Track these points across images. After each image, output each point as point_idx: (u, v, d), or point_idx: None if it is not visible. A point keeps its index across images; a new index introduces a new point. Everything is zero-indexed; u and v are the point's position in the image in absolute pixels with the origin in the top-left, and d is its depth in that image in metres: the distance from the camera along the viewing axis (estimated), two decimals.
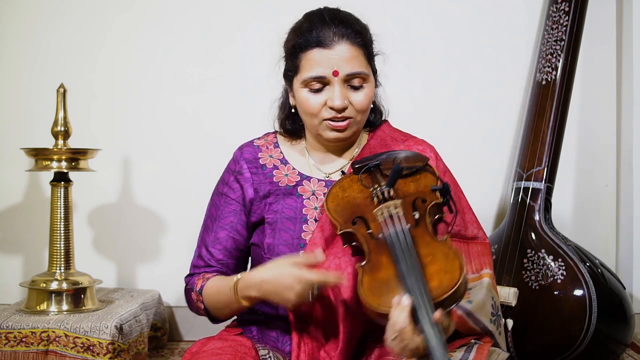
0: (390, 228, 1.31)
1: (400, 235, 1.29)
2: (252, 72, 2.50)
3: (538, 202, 2.28)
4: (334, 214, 1.39)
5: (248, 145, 1.63)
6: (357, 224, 1.37)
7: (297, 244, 1.50)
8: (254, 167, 1.58)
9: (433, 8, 2.52)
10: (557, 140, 2.33)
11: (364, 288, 1.26)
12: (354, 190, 1.44)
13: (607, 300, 2.12)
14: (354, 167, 1.49)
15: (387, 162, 1.46)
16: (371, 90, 1.49)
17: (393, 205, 1.36)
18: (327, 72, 1.44)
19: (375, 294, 1.25)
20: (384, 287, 1.25)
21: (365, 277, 1.27)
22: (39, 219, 2.47)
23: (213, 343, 1.45)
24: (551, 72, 2.36)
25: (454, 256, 1.26)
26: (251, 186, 1.57)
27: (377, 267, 1.28)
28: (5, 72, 2.55)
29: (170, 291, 2.50)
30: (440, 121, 2.51)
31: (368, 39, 1.51)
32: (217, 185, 1.64)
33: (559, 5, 2.39)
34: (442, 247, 1.29)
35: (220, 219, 1.59)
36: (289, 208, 1.54)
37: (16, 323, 1.96)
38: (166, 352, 2.37)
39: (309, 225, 1.52)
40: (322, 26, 1.46)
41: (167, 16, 2.53)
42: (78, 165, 2.12)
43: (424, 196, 1.39)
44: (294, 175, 1.57)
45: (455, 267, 1.24)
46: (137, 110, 2.54)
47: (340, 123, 1.47)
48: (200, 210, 2.49)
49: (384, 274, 1.27)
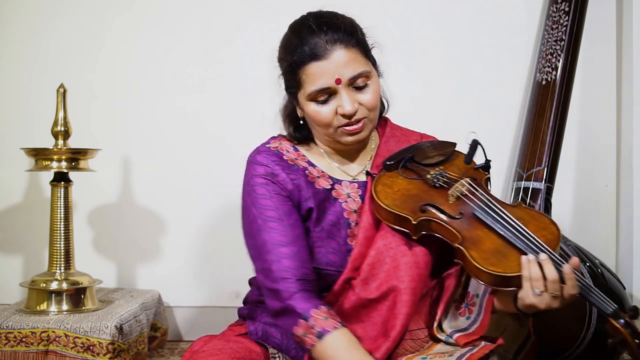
0: (472, 204, 1.38)
1: (490, 206, 1.36)
2: (252, 72, 2.50)
3: (538, 202, 2.28)
4: (397, 208, 1.40)
5: (264, 149, 1.52)
6: (427, 211, 1.39)
7: (344, 250, 1.48)
8: (286, 167, 1.50)
9: (433, 8, 2.52)
10: (557, 140, 2.32)
11: (479, 262, 1.29)
12: (400, 184, 1.46)
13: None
14: (386, 165, 1.50)
15: (420, 154, 1.51)
16: (377, 85, 1.48)
17: (460, 184, 1.42)
18: (330, 82, 1.42)
19: (493, 263, 1.29)
20: (497, 255, 1.30)
21: (471, 252, 1.30)
22: (39, 219, 2.47)
23: (214, 343, 1.45)
24: (551, 72, 2.36)
25: (538, 215, 1.37)
26: (292, 186, 1.48)
27: (478, 241, 1.32)
28: (5, 72, 2.55)
29: (170, 291, 2.50)
30: (440, 121, 2.50)
31: (359, 36, 1.47)
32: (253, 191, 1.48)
33: (559, 5, 2.39)
34: (522, 210, 1.38)
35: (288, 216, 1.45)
36: (331, 213, 1.50)
37: (16, 323, 1.96)
38: (166, 352, 2.37)
39: (352, 229, 1.49)
40: (311, 37, 1.42)
41: (167, 16, 2.53)
42: (78, 165, 2.12)
43: (473, 175, 1.46)
44: (325, 178, 1.52)
45: (546, 222, 1.35)
46: (137, 110, 2.54)
47: (355, 126, 1.45)
48: (200, 210, 2.52)
49: (489, 244, 1.32)
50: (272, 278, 1.40)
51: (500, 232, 1.32)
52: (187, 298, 2.52)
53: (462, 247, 1.31)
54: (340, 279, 1.45)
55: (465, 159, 1.50)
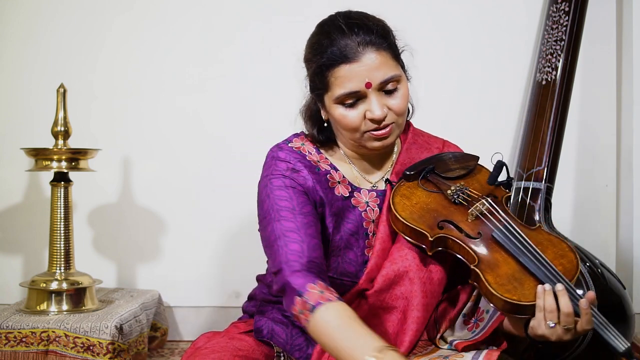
0: (491, 225, 1.33)
1: (510, 230, 1.32)
2: (252, 72, 2.50)
3: (538, 202, 2.28)
4: (414, 222, 1.37)
5: (287, 148, 1.49)
6: (445, 228, 1.36)
7: (361, 260, 1.47)
8: (308, 166, 1.47)
9: (433, 8, 2.52)
10: (557, 140, 2.32)
11: (494, 287, 1.25)
12: (419, 196, 1.43)
13: (607, 300, 2.11)
14: (406, 175, 1.46)
15: (441, 166, 1.48)
16: (406, 89, 1.44)
17: (481, 203, 1.38)
18: (360, 86, 1.37)
19: (509, 289, 1.25)
20: (513, 281, 1.26)
21: (487, 276, 1.27)
22: (39, 219, 2.47)
23: (217, 340, 1.44)
24: (551, 72, 2.36)
25: (557, 240, 1.32)
26: (312, 184, 1.44)
27: (495, 265, 1.29)
28: (5, 72, 2.55)
29: (170, 291, 2.50)
30: (440, 121, 2.50)
31: (391, 39, 1.44)
32: (270, 184, 1.44)
33: (559, 5, 2.39)
34: (541, 234, 1.34)
35: (302, 206, 1.41)
36: (350, 222, 1.47)
37: (16, 323, 1.96)
38: (166, 352, 2.37)
39: (370, 240, 1.47)
40: (342, 38, 1.37)
41: (167, 16, 2.53)
42: (78, 165, 2.12)
43: (493, 192, 1.43)
44: (346, 184, 1.49)
45: (566, 250, 1.30)
46: (137, 110, 2.53)
47: (383, 131, 1.41)
48: (200, 210, 2.52)
49: (506, 269, 1.28)
50: (277, 261, 1.35)
51: (518, 257, 1.29)
52: (187, 298, 2.52)
53: (478, 269, 1.28)
54: (354, 289, 1.44)
55: (488, 180, 1.46)
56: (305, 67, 1.48)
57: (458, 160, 1.49)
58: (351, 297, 1.44)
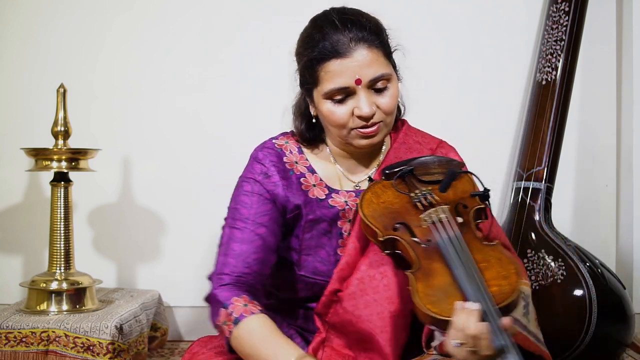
0: (441, 234, 1.28)
1: (455, 241, 1.25)
2: (252, 72, 2.50)
3: (538, 202, 2.28)
4: (372, 220, 1.35)
5: (269, 146, 1.52)
6: (399, 230, 1.33)
7: (333, 260, 1.46)
8: (282, 170, 1.48)
9: (433, 8, 2.52)
10: (557, 140, 2.32)
11: (419, 296, 1.21)
12: (389, 196, 1.40)
13: (607, 300, 2.12)
14: (385, 173, 1.44)
15: (421, 168, 1.43)
16: (396, 89, 1.43)
17: (440, 210, 1.33)
18: (350, 82, 1.37)
19: (433, 301, 1.20)
20: (441, 293, 1.21)
21: (419, 284, 1.22)
22: (39, 219, 2.47)
23: (214, 344, 1.44)
24: (551, 72, 2.36)
25: (507, 261, 1.24)
26: (282, 191, 1.47)
27: (430, 274, 1.24)
28: (5, 72, 2.55)
29: (170, 291, 2.50)
30: (440, 121, 2.50)
31: (384, 37, 1.43)
32: (241, 185, 1.50)
33: (559, 5, 2.39)
34: (494, 252, 1.26)
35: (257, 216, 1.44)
36: (324, 221, 1.47)
37: (16, 323, 1.96)
38: (166, 352, 2.37)
39: (344, 239, 1.47)
40: (334, 33, 1.37)
41: (167, 16, 2.53)
42: (78, 165, 2.12)
43: (464, 201, 1.37)
44: (322, 187, 1.49)
45: (511, 272, 1.22)
46: (137, 110, 2.54)
47: (371, 129, 1.40)
48: (200, 210, 2.52)
49: (440, 280, 1.23)
50: (213, 270, 1.41)
51: (453, 270, 1.23)
52: (187, 298, 2.51)
53: (412, 276, 1.24)
54: (328, 290, 1.41)
55: (440, 187, 1.39)
56: (296, 61, 1.47)
57: (441, 165, 1.45)
58: (326, 299, 1.40)
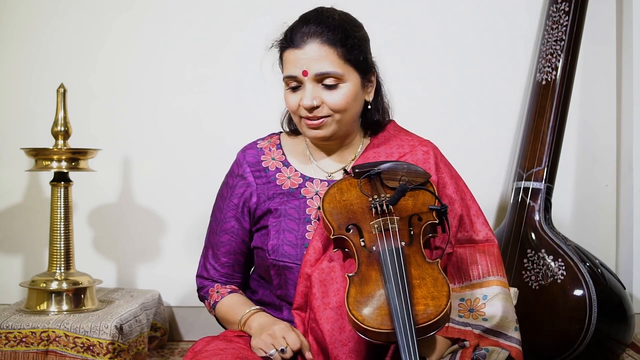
0: (384, 243, 1.30)
1: (394, 254, 1.28)
2: (251, 72, 2.48)
3: (538, 202, 2.28)
4: (329, 216, 1.39)
5: (251, 147, 1.63)
6: (351, 231, 1.36)
7: (301, 244, 1.49)
8: (257, 170, 1.59)
9: (433, 8, 2.52)
10: (557, 140, 2.33)
11: (350, 300, 1.25)
12: (352, 194, 1.43)
13: (607, 300, 2.12)
14: (355, 171, 1.47)
15: (389, 173, 1.45)
16: (350, 90, 1.47)
17: (390, 220, 1.35)
18: (298, 72, 1.46)
19: (360, 308, 1.23)
20: (369, 302, 1.24)
21: (352, 288, 1.26)
22: (39, 219, 2.47)
23: (216, 343, 1.44)
24: (551, 72, 2.36)
25: (443, 282, 1.25)
26: (255, 191, 1.57)
27: (365, 280, 1.27)
28: (5, 72, 2.55)
29: (170, 291, 2.50)
30: (440, 121, 2.51)
31: (348, 41, 1.46)
32: (221, 187, 1.65)
33: (559, 5, 2.39)
34: (433, 270, 1.28)
35: (223, 222, 1.61)
36: (292, 209, 1.53)
37: (16, 323, 1.96)
38: (166, 352, 2.37)
39: (312, 225, 1.51)
40: (299, 26, 1.47)
41: (167, 16, 2.53)
42: (78, 165, 2.11)
43: (420, 214, 1.38)
44: (297, 177, 1.57)
45: (443, 294, 1.23)
46: (137, 110, 2.54)
47: (315, 122, 1.48)
48: (200, 210, 2.51)
49: (371, 288, 1.26)
50: (198, 269, 1.69)
51: (386, 283, 1.24)
52: (187, 298, 2.51)
53: (349, 279, 1.28)
54: (300, 276, 1.45)
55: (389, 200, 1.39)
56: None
57: (410, 173, 1.45)
58: (302, 288, 1.45)
